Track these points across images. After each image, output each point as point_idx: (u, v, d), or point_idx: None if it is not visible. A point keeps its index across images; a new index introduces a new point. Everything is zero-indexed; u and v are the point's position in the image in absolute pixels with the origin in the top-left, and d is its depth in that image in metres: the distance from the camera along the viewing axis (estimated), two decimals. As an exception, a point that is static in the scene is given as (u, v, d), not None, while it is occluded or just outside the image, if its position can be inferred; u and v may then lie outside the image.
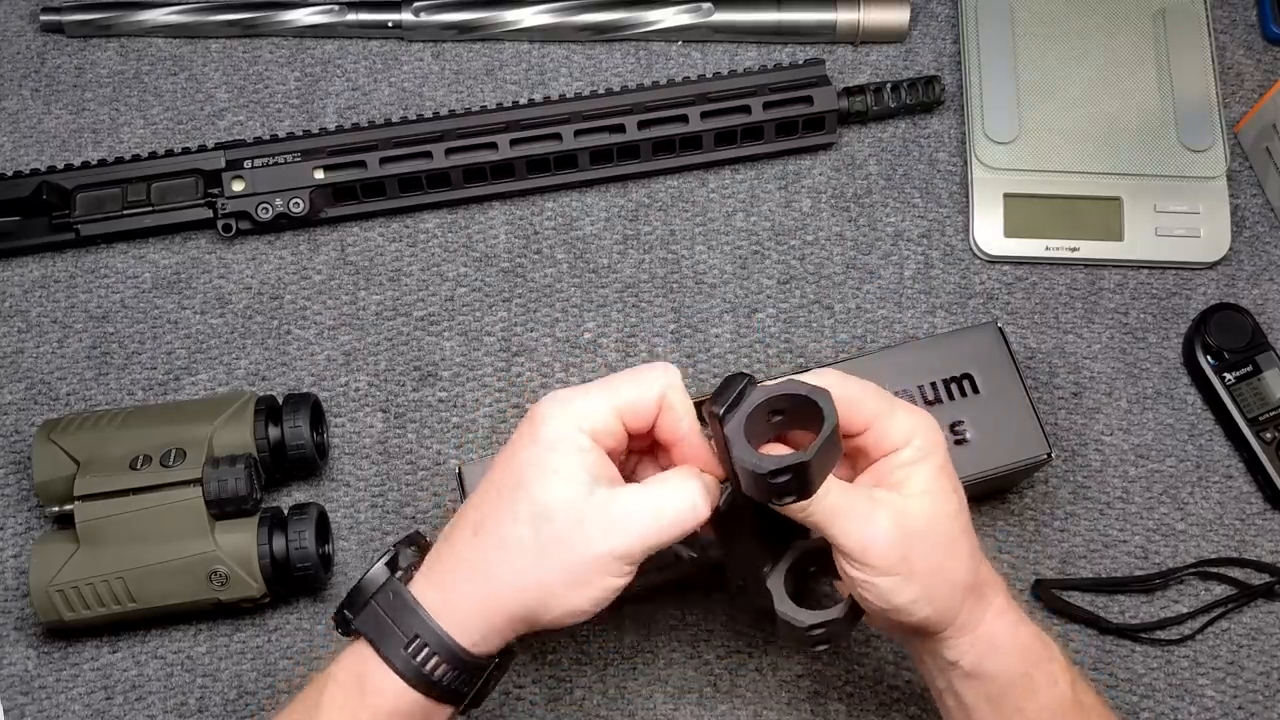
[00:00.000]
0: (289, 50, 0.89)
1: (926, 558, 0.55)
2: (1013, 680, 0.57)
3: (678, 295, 0.83)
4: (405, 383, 0.81)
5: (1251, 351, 0.79)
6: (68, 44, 0.89)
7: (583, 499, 0.52)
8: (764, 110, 0.83)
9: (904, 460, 0.56)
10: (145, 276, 0.83)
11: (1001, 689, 0.58)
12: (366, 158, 0.82)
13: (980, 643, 0.57)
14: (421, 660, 0.52)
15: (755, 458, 0.51)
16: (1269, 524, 0.78)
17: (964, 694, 0.58)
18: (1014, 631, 0.58)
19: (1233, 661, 0.75)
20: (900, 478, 0.56)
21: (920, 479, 0.55)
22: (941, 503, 0.56)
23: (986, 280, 0.83)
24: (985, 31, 0.87)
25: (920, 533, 0.55)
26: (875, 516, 0.54)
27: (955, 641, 0.57)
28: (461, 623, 0.53)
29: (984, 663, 0.57)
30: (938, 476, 0.56)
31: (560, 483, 0.52)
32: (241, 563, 0.71)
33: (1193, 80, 0.85)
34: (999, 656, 0.57)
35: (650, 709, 0.74)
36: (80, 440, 0.73)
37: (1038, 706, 0.58)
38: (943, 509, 0.56)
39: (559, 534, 0.52)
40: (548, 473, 0.52)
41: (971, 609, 0.57)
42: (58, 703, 0.74)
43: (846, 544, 0.54)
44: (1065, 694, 0.58)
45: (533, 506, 0.52)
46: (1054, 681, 0.58)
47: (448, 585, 0.53)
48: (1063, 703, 0.58)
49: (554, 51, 0.89)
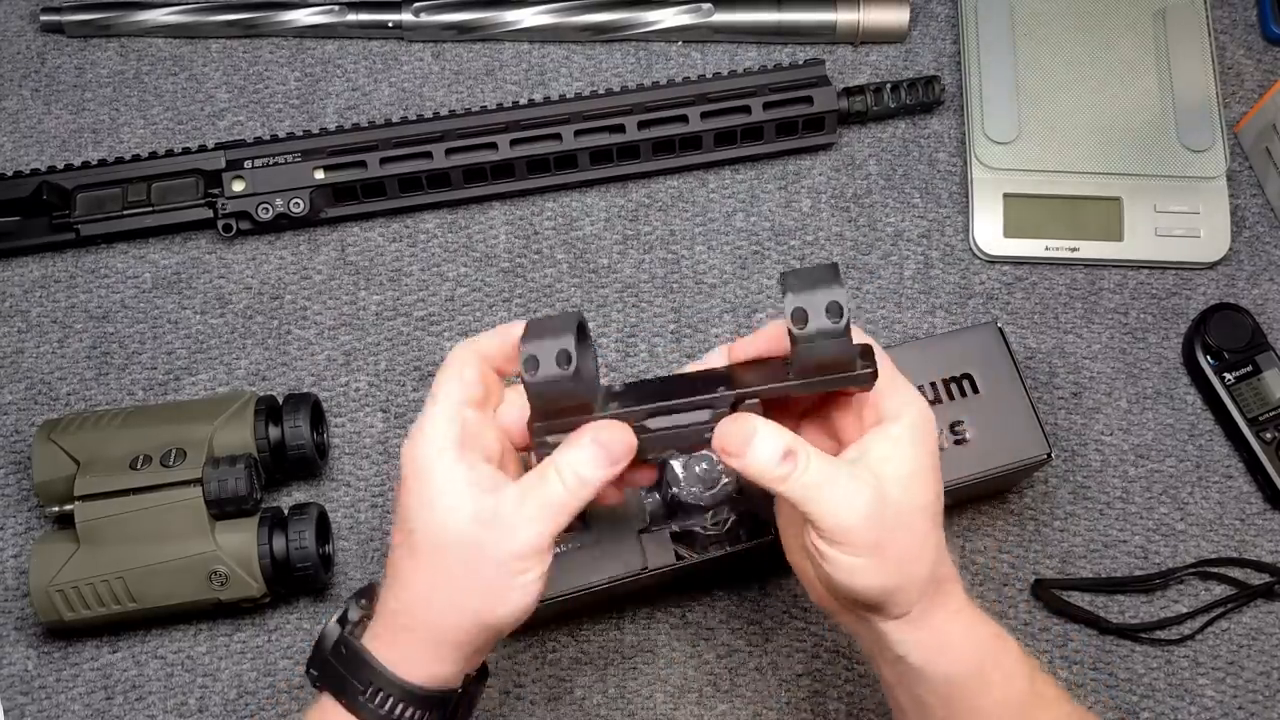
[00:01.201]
0: (289, 50, 0.89)
1: (898, 544, 0.54)
2: (966, 678, 0.57)
3: (678, 295, 0.83)
4: (405, 383, 0.81)
5: (1251, 351, 0.79)
6: (68, 44, 0.89)
7: (469, 520, 0.52)
8: (764, 110, 0.83)
9: (892, 435, 0.54)
10: (145, 276, 0.83)
11: (953, 688, 0.57)
12: (366, 158, 0.82)
13: (930, 641, 0.56)
14: (382, 705, 0.54)
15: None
16: (1269, 524, 0.78)
17: (915, 689, 0.58)
18: (967, 631, 0.57)
19: (1233, 661, 0.75)
20: (885, 454, 0.54)
21: (904, 461, 0.54)
22: (921, 492, 0.54)
23: (986, 280, 0.83)
24: (985, 31, 0.87)
25: (896, 519, 0.53)
26: (855, 497, 0.53)
27: (904, 635, 0.56)
28: (410, 666, 0.54)
29: (934, 661, 0.56)
30: (923, 462, 0.55)
31: (444, 514, 0.53)
32: (241, 563, 0.71)
33: (1193, 80, 0.85)
34: (950, 655, 0.56)
35: (650, 709, 0.74)
36: (80, 440, 0.73)
37: (992, 702, 0.57)
38: (921, 499, 0.54)
39: (460, 561, 0.53)
40: (429, 508, 0.53)
41: (927, 604, 0.56)
42: (58, 703, 0.74)
43: (823, 522, 0.53)
44: (1022, 689, 0.57)
45: (428, 545, 0.53)
46: (1009, 677, 0.57)
47: (388, 635, 0.55)
48: (1020, 698, 0.57)
49: (554, 51, 0.89)
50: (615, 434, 0.54)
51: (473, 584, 0.53)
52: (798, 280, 0.52)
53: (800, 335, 0.52)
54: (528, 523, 0.52)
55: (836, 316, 0.51)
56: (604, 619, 0.75)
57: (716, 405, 0.55)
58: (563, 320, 0.53)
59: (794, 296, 0.52)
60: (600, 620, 0.75)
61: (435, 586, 0.53)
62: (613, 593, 0.69)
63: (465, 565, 0.53)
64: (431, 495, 0.53)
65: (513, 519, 0.52)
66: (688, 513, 0.70)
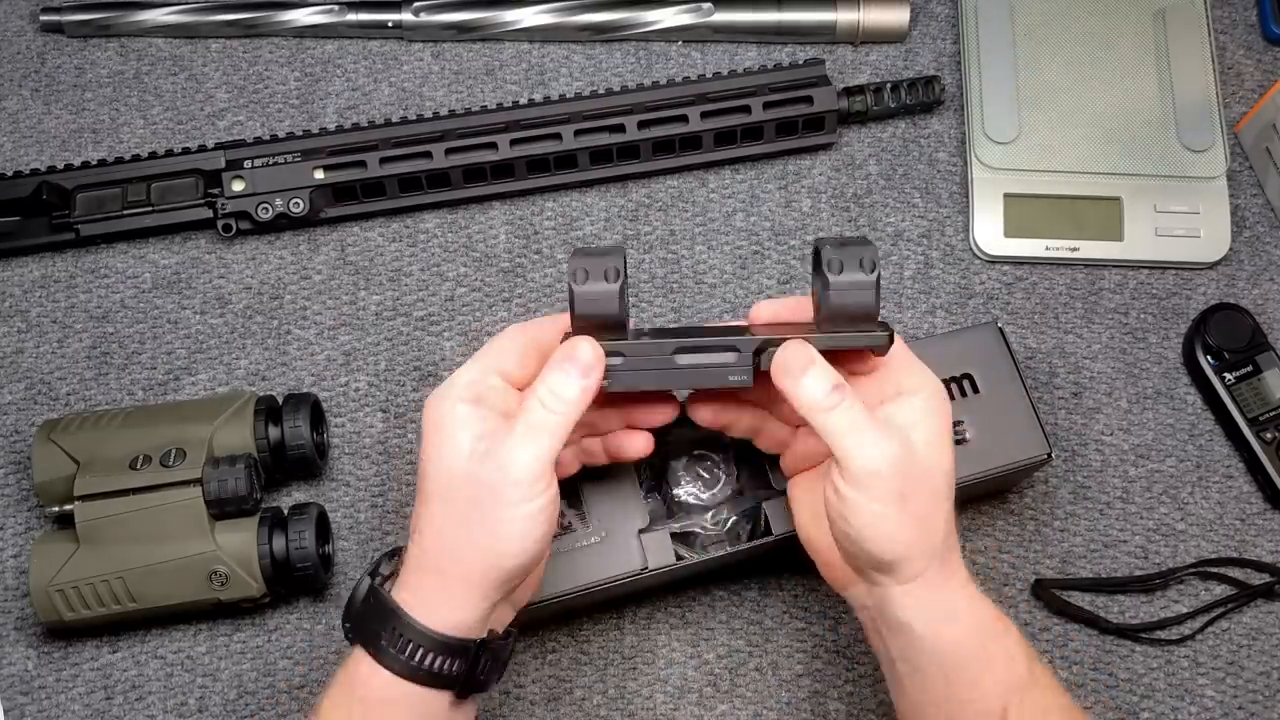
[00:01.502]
0: (289, 50, 0.89)
1: (919, 498, 0.56)
2: (969, 652, 0.58)
3: (678, 295, 0.83)
4: (405, 383, 0.81)
5: (1251, 351, 0.79)
6: (68, 44, 0.89)
7: (469, 459, 0.55)
8: (764, 110, 0.83)
9: (914, 406, 0.58)
10: (145, 276, 0.83)
11: (955, 660, 0.58)
12: (366, 158, 0.82)
13: (937, 609, 0.58)
14: (407, 652, 0.56)
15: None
16: (1269, 524, 0.78)
17: (917, 659, 0.59)
18: (972, 605, 0.59)
19: (1233, 661, 0.75)
20: (910, 420, 0.57)
21: (927, 427, 0.57)
22: (942, 456, 0.58)
23: (986, 280, 0.83)
24: (985, 31, 0.87)
25: (921, 474, 0.56)
26: (886, 444, 0.55)
27: (912, 599, 0.58)
28: (430, 611, 0.56)
29: (939, 630, 0.58)
30: (942, 431, 0.58)
31: (450, 455, 0.56)
32: (241, 563, 0.71)
33: (1193, 80, 0.85)
34: (955, 626, 0.58)
35: (650, 709, 0.74)
36: (80, 440, 0.73)
37: (993, 681, 0.58)
38: (943, 463, 0.58)
39: (465, 498, 0.55)
40: (440, 455, 0.56)
41: (936, 573, 0.58)
42: (58, 703, 0.74)
43: (853, 463, 0.55)
44: (1022, 673, 0.59)
45: (437, 486, 0.56)
46: (1011, 659, 0.59)
47: (413, 584, 0.57)
48: (1020, 681, 0.59)
49: (554, 51, 0.89)
50: (582, 348, 0.57)
51: (479, 519, 0.55)
52: (833, 242, 0.57)
53: (834, 282, 0.56)
54: (519, 449, 0.55)
55: (869, 269, 0.56)
56: (604, 619, 0.75)
57: (742, 349, 0.58)
58: (610, 248, 0.58)
59: (830, 249, 0.57)
60: (600, 620, 0.75)
61: (446, 526, 0.56)
62: (613, 593, 0.69)
63: (471, 501, 0.55)
64: (440, 441, 0.56)
65: (506, 448, 0.55)
66: (688, 513, 0.70)
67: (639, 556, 0.68)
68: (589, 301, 0.56)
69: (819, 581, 0.76)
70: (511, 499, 0.55)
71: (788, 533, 0.68)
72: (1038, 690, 0.59)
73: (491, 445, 0.55)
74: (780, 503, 0.68)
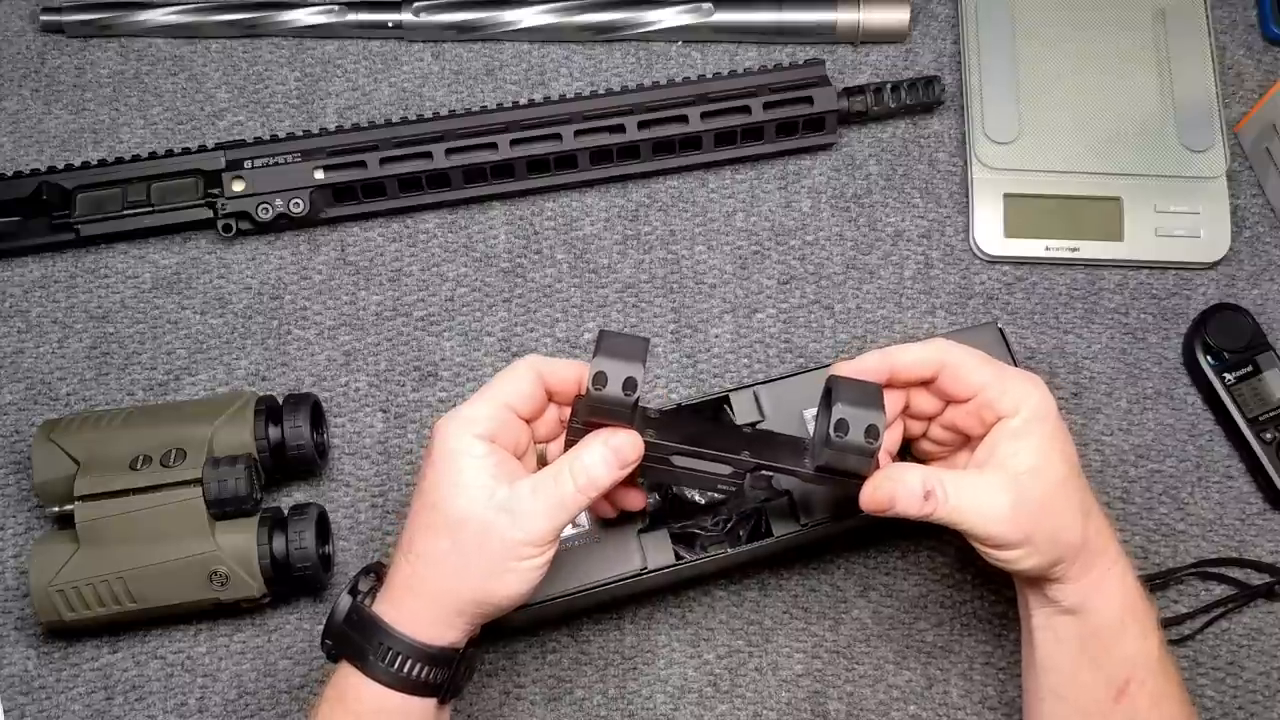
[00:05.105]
0: (289, 50, 0.89)
1: (1044, 529, 0.60)
2: (1108, 623, 0.62)
3: (678, 295, 0.83)
4: (405, 383, 0.81)
5: (1251, 351, 0.79)
6: (68, 44, 0.89)
7: (486, 503, 0.58)
8: (764, 110, 0.83)
9: (1013, 430, 0.60)
10: (145, 276, 0.83)
11: (1095, 629, 0.62)
12: (366, 158, 0.82)
13: (1086, 588, 0.62)
14: (394, 664, 0.59)
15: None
16: (1269, 524, 0.78)
17: (1059, 630, 0.63)
18: (1121, 581, 0.62)
19: (1233, 661, 0.75)
20: (1011, 450, 0.60)
21: (1030, 451, 0.60)
22: (1051, 473, 0.60)
23: (986, 280, 0.83)
24: (985, 31, 0.87)
25: (1038, 508, 0.59)
26: (995, 505, 0.59)
27: (1062, 588, 0.62)
28: (417, 627, 0.59)
29: (1086, 603, 0.62)
30: (1048, 446, 0.60)
31: (465, 493, 0.58)
32: (241, 563, 0.71)
33: (1193, 80, 0.85)
34: (1101, 598, 0.62)
35: (650, 709, 0.74)
36: (80, 440, 0.73)
37: (1125, 653, 0.62)
38: (1053, 479, 0.60)
39: (473, 538, 0.58)
40: (453, 486, 0.58)
41: (1084, 563, 0.61)
42: (58, 703, 0.74)
43: (974, 533, 0.60)
44: (1154, 649, 0.63)
45: (446, 519, 0.58)
46: (1146, 634, 0.62)
47: (398, 601, 0.60)
48: (1150, 656, 0.62)
49: (554, 51, 0.89)
50: (625, 439, 0.59)
51: (481, 560, 0.58)
52: (847, 392, 0.59)
53: (836, 443, 0.58)
54: (537, 515, 0.58)
55: (874, 438, 0.58)
56: (604, 619, 0.75)
57: (738, 466, 0.62)
58: (635, 346, 0.58)
59: (841, 407, 0.58)
60: (600, 620, 0.75)
61: (448, 557, 0.58)
62: (613, 593, 0.69)
63: (477, 542, 0.58)
64: (456, 475, 0.58)
65: (525, 509, 0.58)
66: (688, 513, 0.70)
67: (639, 557, 0.68)
68: (599, 406, 0.58)
69: (819, 581, 0.76)
70: (521, 555, 0.58)
71: (788, 533, 0.68)
72: (1162, 676, 0.63)
73: (512, 499, 0.58)
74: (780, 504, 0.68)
